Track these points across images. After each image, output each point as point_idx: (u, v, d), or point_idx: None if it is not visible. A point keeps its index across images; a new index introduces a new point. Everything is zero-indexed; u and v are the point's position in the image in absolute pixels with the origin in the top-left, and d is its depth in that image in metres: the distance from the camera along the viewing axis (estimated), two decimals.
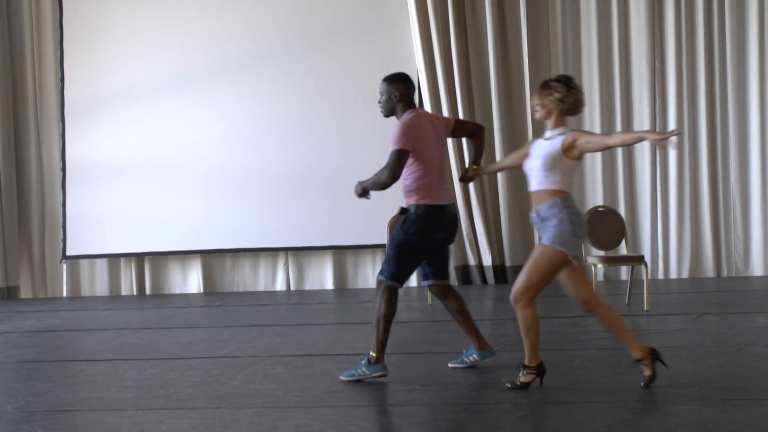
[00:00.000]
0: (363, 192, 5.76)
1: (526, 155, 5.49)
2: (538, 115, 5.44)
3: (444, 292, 5.95)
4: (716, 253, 10.95)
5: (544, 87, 5.37)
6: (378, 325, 5.62)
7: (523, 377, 5.25)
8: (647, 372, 5.14)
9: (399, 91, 5.78)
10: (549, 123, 5.40)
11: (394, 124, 5.74)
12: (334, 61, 11.30)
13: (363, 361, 5.63)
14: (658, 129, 10.89)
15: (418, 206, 5.68)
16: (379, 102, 5.88)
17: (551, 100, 5.32)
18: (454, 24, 10.96)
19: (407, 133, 5.61)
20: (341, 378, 5.63)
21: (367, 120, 10.63)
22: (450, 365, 5.93)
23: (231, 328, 8.23)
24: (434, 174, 5.72)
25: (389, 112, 5.86)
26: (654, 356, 5.17)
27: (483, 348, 5.91)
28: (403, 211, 5.77)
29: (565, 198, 5.17)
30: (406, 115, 5.72)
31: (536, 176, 5.26)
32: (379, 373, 5.56)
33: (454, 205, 6.00)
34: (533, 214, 5.27)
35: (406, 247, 5.67)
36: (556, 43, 11.17)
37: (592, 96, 11.05)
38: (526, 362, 5.27)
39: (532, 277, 5.19)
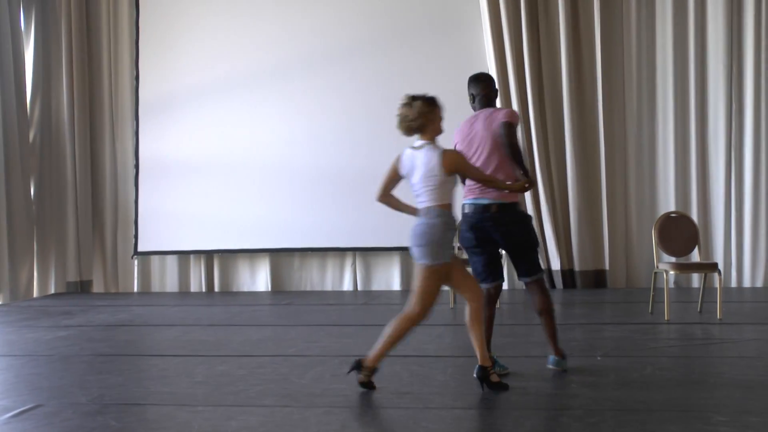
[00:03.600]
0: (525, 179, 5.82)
1: None
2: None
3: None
4: None
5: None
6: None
7: None
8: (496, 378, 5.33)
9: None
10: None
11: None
12: (406, 61, 11.29)
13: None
14: (734, 136, 10.71)
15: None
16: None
17: None
18: (527, 25, 10.87)
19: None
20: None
21: None
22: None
23: (298, 327, 8.28)
24: None
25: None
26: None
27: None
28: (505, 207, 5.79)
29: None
30: None
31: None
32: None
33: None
34: None
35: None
36: (630, 46, 11.01)
37: (667, 100, 10.89)
38: None
39: None
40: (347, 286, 11.64)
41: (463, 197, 5.88)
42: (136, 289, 12.05)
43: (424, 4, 11.41)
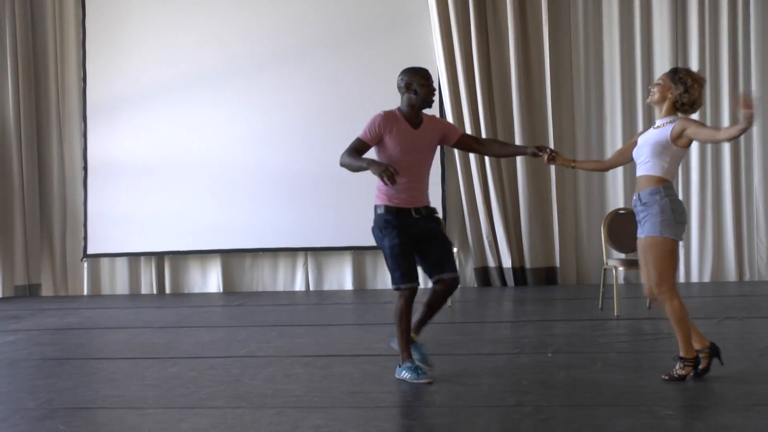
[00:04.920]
0: None
1: (626, 153, 5.68)
2: (651, 98, 5.51)
3: None
4: (738, 257, 10.89)
5: (673, 73, 5.42)
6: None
7: (680, 370, 5.33)
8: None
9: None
10: (659, 110, 5.47)
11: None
12: (354, 61, 11.31)
13: None
14: None
15: None
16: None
17: (672, 89, 5.37)
18: (476, 25, 10.94)
19: None
20: None
21: None
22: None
23: (250, 328, 8.24)
24: None
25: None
26: (714, 351, 5.37)
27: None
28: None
29: (667, 186, 5.31)
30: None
31: (644, 162, 5.38)
32: None
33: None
34: (635, 198, 5.41)
35: None
36: (578, 44, 11.13)
37: (614, 97, 11.03)
38: (682, 354, 5.34)
39: (660, 269, 5.24)
40: (299, 286, 11.62)
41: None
42: (85, 292, 11.92)
43: (374, 4, 11.42)
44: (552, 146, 10.94)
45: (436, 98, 5.90)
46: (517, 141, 10.88)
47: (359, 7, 11.44)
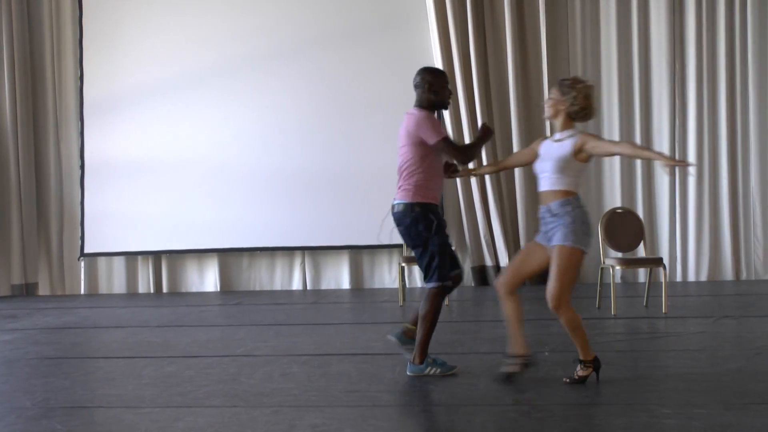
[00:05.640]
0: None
1: (532, 155, 5.59)
2: (545, 114, 5.48)
3: None
4: (735, 256, 10.89)
5: (559, 85, 5.36)
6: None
7: (580, 371, 5.34)
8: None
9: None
10: (557, 124, 5.40)
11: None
12: (351, 61, 11.31)
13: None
14: (677, 133, 10.88)
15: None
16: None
17: (562, 101, 5.28)
18: (473, 24, 10.94)
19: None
20: None
21: (385, 119, 10.65)
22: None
23: (247, 327, 8.24)
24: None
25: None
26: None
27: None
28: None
29: (576, 197, 5.29)
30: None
31: (548, 177, 5.35)
32: None
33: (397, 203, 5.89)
34: (544, 210, 5.35)
35: None
36: (575, 44, 11.14)
37: (612, 97, 11.03)
38: (582, 357, 5.35)
39: (562, 281, 5.21)
40: (296, 285, 11.62)
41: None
42: (83, 292, 11.91)
43: (372, 3, 11.42)
44: None
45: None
46: (515, 141, 10.89)
47: (357, 7, 11.43)
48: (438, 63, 10.93)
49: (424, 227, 5.68)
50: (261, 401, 5.12)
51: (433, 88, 5.77)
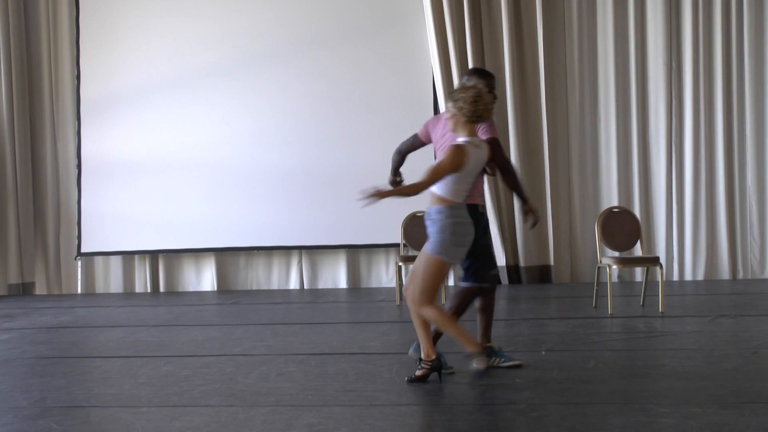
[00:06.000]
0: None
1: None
2: (450, 128, 5.48)
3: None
4: (732, 255, 10.90)
5: (450, 97, 5.41)
6: None
7: (419, 371, 5.43)
8: (479, 365, 5.31)
9: None
10: (463, 133, 5.39)
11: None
12: (348, 60, 11.30)
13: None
14: (674, 131, 10.89)
15: None
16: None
17: (454, 111, 5.36)
18: (470, 24, 10.94)
19: None
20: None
21: (382, 119, 10.66)
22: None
23: (244, 326, 8.24)
24: None
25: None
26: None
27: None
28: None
29: (452, 206, 5.29)
30: None
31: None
32: None
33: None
34: (426, 212, 5.40)
35: None
36: (572, 44, 11.14)
37: (608, 97, 11.04)
38: (423, 357, 5.43)
39: (424, 286, 5.30)
40: (293, 284, 11.62)
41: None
42: (79, 291, 11.90)
43: (369, 3, 11.41)
44: (546, 146, 10.95)
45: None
46: (512, 141, 10.88)
47: (354, 7, 11.42)
48: (435, 63, 10.92)
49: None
50: (258, 401, 5.12)
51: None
